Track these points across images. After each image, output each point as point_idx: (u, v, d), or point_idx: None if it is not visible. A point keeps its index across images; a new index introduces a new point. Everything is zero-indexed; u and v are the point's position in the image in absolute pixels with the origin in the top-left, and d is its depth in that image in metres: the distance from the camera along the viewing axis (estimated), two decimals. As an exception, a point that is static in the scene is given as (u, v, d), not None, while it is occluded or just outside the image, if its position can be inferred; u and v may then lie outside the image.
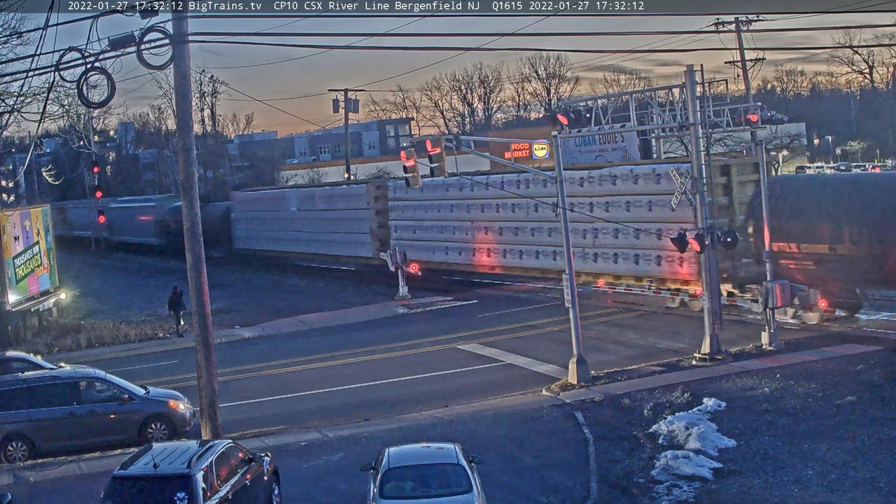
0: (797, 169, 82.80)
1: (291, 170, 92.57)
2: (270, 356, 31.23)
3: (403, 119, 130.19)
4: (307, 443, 20.73)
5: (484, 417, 21.57)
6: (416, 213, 43.32)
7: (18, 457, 21.15)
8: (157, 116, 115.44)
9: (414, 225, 43.49)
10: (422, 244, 42.56)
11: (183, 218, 19.73)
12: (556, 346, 27.60)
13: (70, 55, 18.47)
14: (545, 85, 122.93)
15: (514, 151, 74.58)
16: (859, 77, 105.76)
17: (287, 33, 22.76)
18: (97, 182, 70.54)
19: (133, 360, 31.96)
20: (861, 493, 15.68)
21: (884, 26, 74.40)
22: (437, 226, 42.06)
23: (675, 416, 19.93)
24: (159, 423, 21.84)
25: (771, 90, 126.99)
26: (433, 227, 42.29)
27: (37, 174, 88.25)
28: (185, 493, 13.55)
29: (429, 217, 42.54)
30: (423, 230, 42.72)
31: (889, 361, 23.33)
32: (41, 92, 30.33)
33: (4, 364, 25.79)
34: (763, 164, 27.59)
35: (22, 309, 36.74)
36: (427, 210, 42.52)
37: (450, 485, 14.44)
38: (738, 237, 25.68)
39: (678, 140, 49.43)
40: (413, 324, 35.30)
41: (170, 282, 43.06)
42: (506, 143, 69.67)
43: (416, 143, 39.49)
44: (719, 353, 25.06)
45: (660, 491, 16.61)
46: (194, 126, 22.47)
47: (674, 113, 26.07)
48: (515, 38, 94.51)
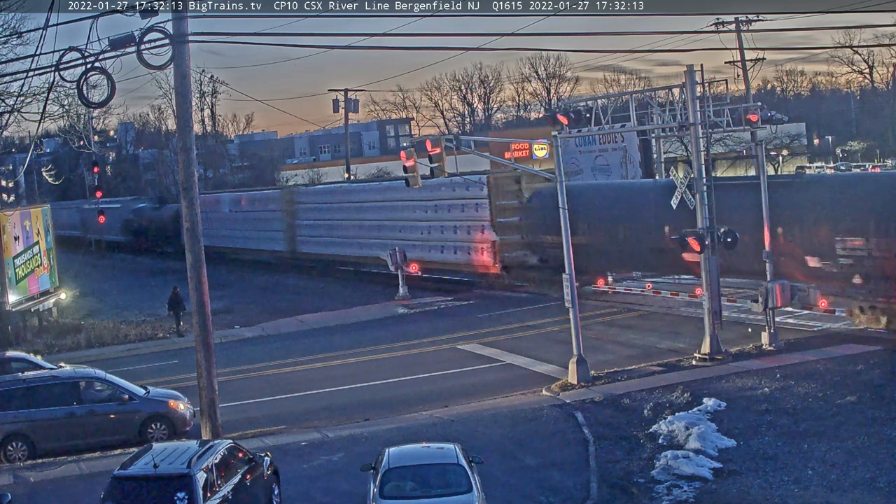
0: (797, 169, 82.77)
1: (291, 170, 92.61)
2: (270, 356, 31.23)
3: (403, 119, 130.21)
4: (307, 443, 20.73)
5: (484, 417, 21.57)
6: (313, 215, 51.77)
7: (18, 457, 21.15)
8: (157, 116, 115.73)
9: (312, 223, 51.87)
10: (318, 240, 51.24)
11: (183, 218, 19.77)
12: (556, 346, 27.60)
13: (70, 55, 18.50)
14: (545, 85, 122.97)
15: (514, 151, 74.54)
16: (859, 77, 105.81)
17: (287, 33, 22.76)
18: (97, 182, 70.61)
19: (133, 360, 31.96)
20: (861, 493, 15.68)
21: (884, 26, 74.48)
22: (326, 224, 50.75)
23: (675, 416, 19.92)
24: (159, 423, 21.83)
25: (771, 90, 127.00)
26: (324, 225, 50.99)
27: (37, 174, 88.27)
28: (185, 493, 13.54)
29: (322, 217, 51.22)
30: (318, 228, 51.28)
31: (889, 361, 23.33)
32: (41, 92, 30.38)
33: (4, 364, 25.80)
34: (763, 164, 27.65)
35: (22, 309, 36.75)
36: (320, 212, 51.37)
37: (450, 485, 14.43)
38: (737, 237, 25.67)
39: (678, 140, 49.44)
40: (413, 324, 35.30)
41: (169, 282, 43.10)
42: (506, 143, 69.64)
43: (416, 143, 39.62)
44: (719, 353, 25.05)
45: (660, 491, 16.60)
46: (194, 126, 22.49)
47: (674, 113, 26.04)
48: (515, 38, 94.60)
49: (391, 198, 45.49)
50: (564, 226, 24.48)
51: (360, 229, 47.68)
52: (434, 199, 41.39)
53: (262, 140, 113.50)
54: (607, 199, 36.73)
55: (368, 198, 47.84)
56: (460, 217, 40.40)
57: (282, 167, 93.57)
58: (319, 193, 54.09)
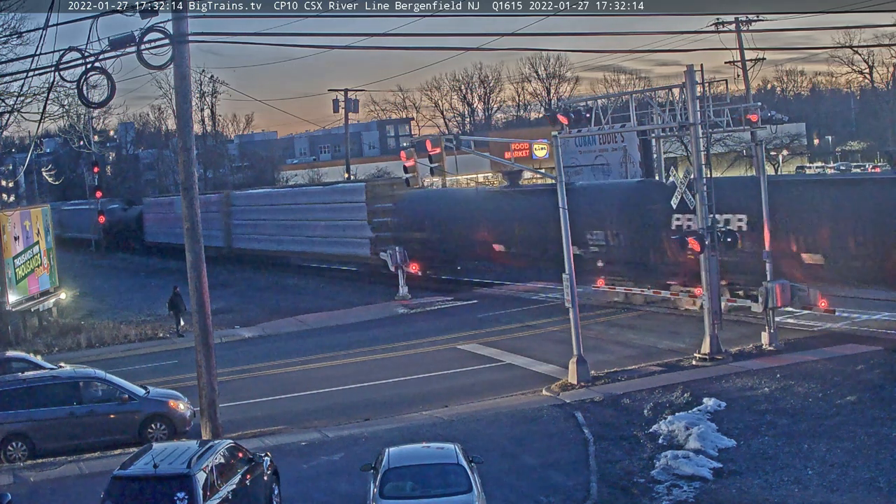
0: (797, 169, 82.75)
1: (291, 170, 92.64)
2: (270, 356, 31.23)
3: (403, 119, 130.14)
4: (307, 443, 20.73)
5: (484, 417, 21.58)
6: (245, 216, 59.52)
7: (18, 457, 21.15)
8: (157, 116, 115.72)
9: (243, 223, 59.73)
10: (248, 237, 59.22)
11: (183, 218, 19.73)
12: (556, 346, 27.61)
13: (70, 55, 18.49)
14: (545, 85, 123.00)
15: (514, 151, 74.64)
16: (859, 77, 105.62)
17: (287, 33, 22.77)
18: (97, 182, 70.67)
19: (133, 360, 31.94)
20: (861, 493, 15.69)
21: (884, 26, 74.39)
22: (253, 223, 58.44)
23: (675, 416, 19.93)
24: (159, 423, 21.83)
25: (771, 90, 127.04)
26: (252, 224, 58.64)
27: (37, 174, 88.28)
28: (185, 493, 13.54)
29: (250, 218, 58.97)
30: (248, 227, 59.22)
31: (889, 361, 23.33)
32: (41, 92, 30.37)
33: (4, 364, 25.80)
34: (763, 164, 27.68)
35: (22, 309, 36.73)
36: (250, 213, 59.16)
37: (450, 485, 14.42)
38: (737, 237, 25.72)
39: (678, 140, 49.43)
40: (413, 324, 35.31)
41: (169, 282, 43.11)
42: (506, 143, 69.68)
43: (416, 143, 39.90)
44: (719, 353, 25.06)
45: (660, 491, 16.60)
46: (194, 126, 22.49)
47: (674, 113, 26.05)
48: (515, 38, 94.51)
49: (301, 201, 54.42)
50: (564, 226, 24.46)
51: (277, 228, 55.53)
52: (330, 202, 50.30)
53: (262, 140, 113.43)
54: (445, 203, 44.53)
55: (283, 201, 56.81)
56: (347, 217, 48.07)
57: (282, 167, 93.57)
58: (249, 197, 62.69)
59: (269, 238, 56.65)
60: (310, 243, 52.53)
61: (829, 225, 26.53)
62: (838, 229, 26.24)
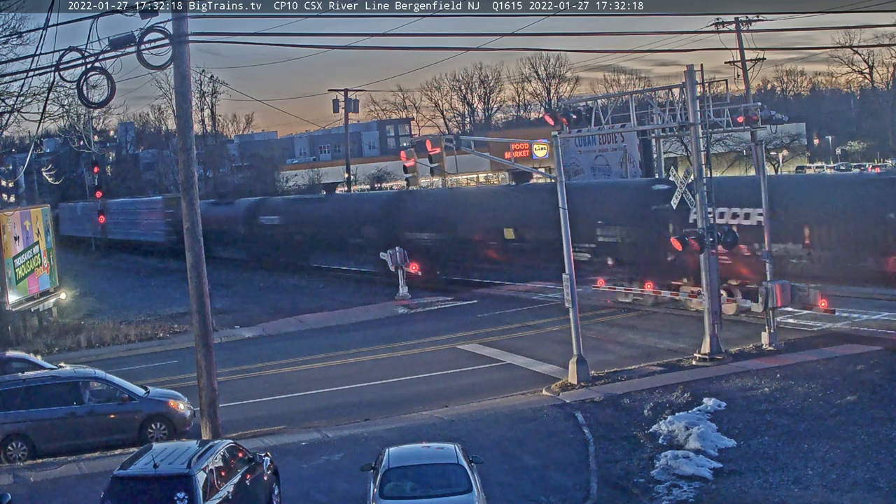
0: (797, 169, 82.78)
1: (291, 170, 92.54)
2: (270, 356, 31.21)
3: (403, 119, 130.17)
4: (307, 443, 20.73)
5: (484, 417, 21.57)
6: (118, 218, 75.66)
7: (18, 457, 21.13)
8: (157, 116, 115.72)
9: (113, 222, 75.10)
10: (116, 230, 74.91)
11: (183, 218, 19.74)
12: (556, 346, 27.60)
13: (70, 55, 18.51)
14: (545, 85, 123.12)
15: (514, 151, 74.65)
16: (859, 77, 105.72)
17: (287, 33, 22.91)
18: (97, 182, 70.63)
19: (133, 360, 31.93)
20: (861, 493, 15.69)
21: (884, 26, 74.47)
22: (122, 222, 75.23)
23: (675, 416, 19.93)
24: (159, 423, 21.81)
25: (771, 90, 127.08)
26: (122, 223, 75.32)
27: (37, 174, 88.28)
28: (185, 493, 13.54)
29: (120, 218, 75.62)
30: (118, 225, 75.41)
31: (889, 361, 23.34)
32: (41, 92, 30.38)
33: (4, 364, 25.75)
34: (763, 164, 27.68)
35: (22, 309, 36.72)
36: (119, 216, 75.74)
37: (450, 485, 14.42)
38: (737, 236, 25.71)
39: (678, 140, 49.45)
40: (413, 324, 35.30)
41: (169, 282, 43.12)
42: (506, 143, 69.70)
43: (416, 143, 39.85)
44: (719, 353, 25.06)
45: (660, 491, 16.60)
46: (194, 126, 22.49)
47: (674, 113, 26.04)
48: (515, 38, 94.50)
49: (141, 208, 73.50)
50: (564, 225, 24.45)
51: (132, 224, 73.61)
52: (151, 208, 69.76)
53: (262, 140, 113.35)
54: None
55: (135, 206, 75.10)
56: (156, 220, 66.81)
57: (282, 167, 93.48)
58: (119, 203, 79.29)
59: (126, 231, 75.31)
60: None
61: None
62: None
